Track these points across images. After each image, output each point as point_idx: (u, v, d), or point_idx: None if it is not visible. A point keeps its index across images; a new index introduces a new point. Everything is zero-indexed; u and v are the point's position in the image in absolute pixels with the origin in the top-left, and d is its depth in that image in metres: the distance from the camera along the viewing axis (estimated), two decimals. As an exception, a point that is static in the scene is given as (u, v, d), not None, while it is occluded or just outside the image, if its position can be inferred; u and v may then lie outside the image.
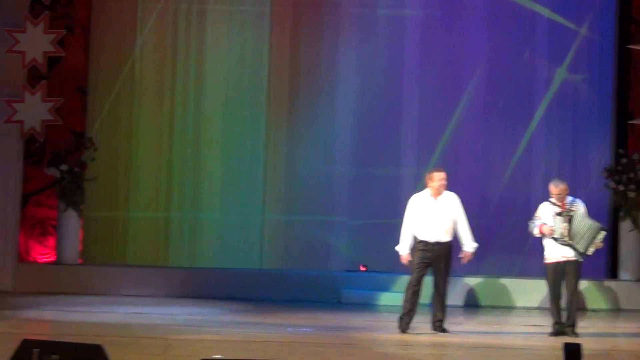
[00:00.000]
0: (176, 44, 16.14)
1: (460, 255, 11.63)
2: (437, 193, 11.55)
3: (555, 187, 11.50)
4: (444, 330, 11.45)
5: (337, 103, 15.94)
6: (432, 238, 11.44)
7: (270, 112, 16.01)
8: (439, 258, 11.42)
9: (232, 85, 16.14)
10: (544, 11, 15.76)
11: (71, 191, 15.21)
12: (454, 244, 11.63)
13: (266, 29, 16.05)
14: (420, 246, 11.44)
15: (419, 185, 15.57)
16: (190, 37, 16.15)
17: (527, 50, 15.75)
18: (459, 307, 14.57)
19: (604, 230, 11.44)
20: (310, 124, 15.95)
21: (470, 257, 11.69)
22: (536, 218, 11.56)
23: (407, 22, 15.96)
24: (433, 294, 11.57)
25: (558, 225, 11.32)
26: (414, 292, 11.38)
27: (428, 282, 11.55)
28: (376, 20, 15.98)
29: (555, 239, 11.36)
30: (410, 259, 11.48)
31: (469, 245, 11.60)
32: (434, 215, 11.47)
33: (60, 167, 15.25)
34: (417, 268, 11.41)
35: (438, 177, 11.55)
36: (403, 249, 11.53)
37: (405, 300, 11.44)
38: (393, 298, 14.42)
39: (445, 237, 11.48)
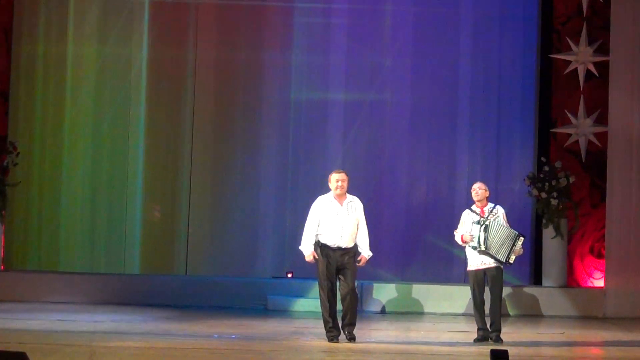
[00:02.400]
0: (101, 47, 16.02)
1: (357, 260, 11.26)
2: (340, 196, 11.26)
3: (473, 191, 11.61)
4: (353, 338, 11.19)
5: (262, 106, 15.98)
6: (333, 243, 11.17)
7: (197, 111, 15.99)
8: (342, 264, 11.15)
9: (157, 88, 16.06)
10: (468, 20, 15.92)
11: (-8, 197, 15.02)
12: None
13: (191, 40, 16.02)
14: (323, 251, 11.17)
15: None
16: (115, 39, 16.03)
17: (451, 57, 15.90)
18: (385, 313, 14.64)
19: (522, 236, 11.52)
20: (235, 124, 15.96)
21: (365, 262, 11.31)
22: (459, 227, 11.64)
23: (331, 29, 16.04)
24: (342, 301, 11.21)
25: (475, 233, 11.42)
26: (330, 303, 11.16)
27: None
28: (302, 25, 16.04)
29: (474, 248, 11.45)
30: (316, 257, 11.17)
31: (365, 250, 11.30)
32: (337, 219, 11.19)
33: (-19, 172, 15.05)
34: (324, 277, 11.13)
35: (334, 179, 11.25)
36: (307, 248, 11.19)
37: (325, 313, 11.21)
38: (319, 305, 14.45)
39: (348, 243, 11.21)
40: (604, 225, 15.18)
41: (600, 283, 15.28)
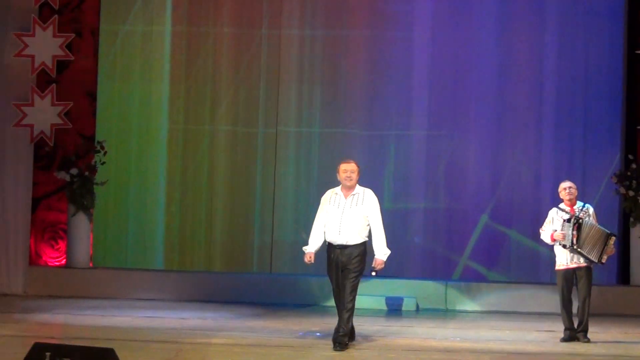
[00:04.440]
0: (187, 48, 16.16)
1: (372, 265, 10.32)
2: (347, 188, 10.25)
3: (564, 190, 11.47)
4: (341, 346, 10.23)
5: (347, 101, 15.99)
6: (336, 240, 10.27)
7: (281, 117, 16.05)
8: (345, 262, 10.22)
9: (238, 88, 16.13)
10: (552, 16, 15.76)
11: (81, 195, 15.23)
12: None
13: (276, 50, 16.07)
14: (328, 248, 10.37)
15: (426, 189, 15.75)
16: (198, 45, 16.15)
17: (536, 54, 15.76)
18: (470, 312, 14.57)
19: (613, 235, 11.37)
20: (318, 118, 16.00)
21: (381, 266, 10.30)
22: (546, 225, 11.51)
23: (417, 20, 15.99)
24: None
25: (567, 232, 11.26)
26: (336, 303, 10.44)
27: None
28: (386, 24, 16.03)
29: (564, 246, 11.31)
30: (312, 260, 10.38)
31: (379, 252, 10.27)
32: (336, 213, 10.27)
33: (70, 171, 15.27)
34: (329, 276, 10.42)
35: (342, 169, 10.25)
36: (309, 247, 10.38)
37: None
38: (404, 303, 14.48)
39: (353, 240, 10.22)
40: (693, 224, 14.92)
41: (689, 282, 15.01)
